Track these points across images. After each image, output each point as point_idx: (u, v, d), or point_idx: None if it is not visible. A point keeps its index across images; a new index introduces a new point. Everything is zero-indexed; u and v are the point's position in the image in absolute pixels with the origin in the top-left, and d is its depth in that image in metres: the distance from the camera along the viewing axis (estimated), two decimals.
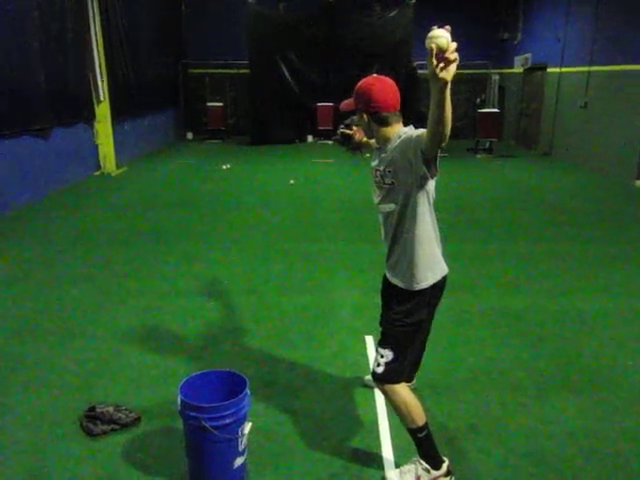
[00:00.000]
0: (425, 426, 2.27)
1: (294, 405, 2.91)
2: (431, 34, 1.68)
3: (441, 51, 1.66)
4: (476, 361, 3.38)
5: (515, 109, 14.08)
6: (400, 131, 2.20)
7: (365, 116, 2.24)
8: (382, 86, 2.19)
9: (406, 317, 2.26)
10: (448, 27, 1.68)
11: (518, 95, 13.95)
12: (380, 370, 2.27)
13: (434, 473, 2.30)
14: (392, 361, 2.26)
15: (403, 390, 2.28)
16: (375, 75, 2.25)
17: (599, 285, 4.66)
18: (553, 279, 4.78)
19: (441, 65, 1.67)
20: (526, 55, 13.10)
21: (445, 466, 2.32)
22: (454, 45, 1.66)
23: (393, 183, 2.18)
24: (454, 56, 1.66)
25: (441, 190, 2.67)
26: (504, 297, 4.39)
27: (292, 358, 3.40)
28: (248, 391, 2.30)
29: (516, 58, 13.68)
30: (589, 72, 10.22)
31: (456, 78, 1.76)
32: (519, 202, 7.85)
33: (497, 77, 14.63)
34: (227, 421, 2.17)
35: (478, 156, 12.20)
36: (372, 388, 3.02)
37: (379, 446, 2.59)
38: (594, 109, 10.11)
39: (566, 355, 3.46)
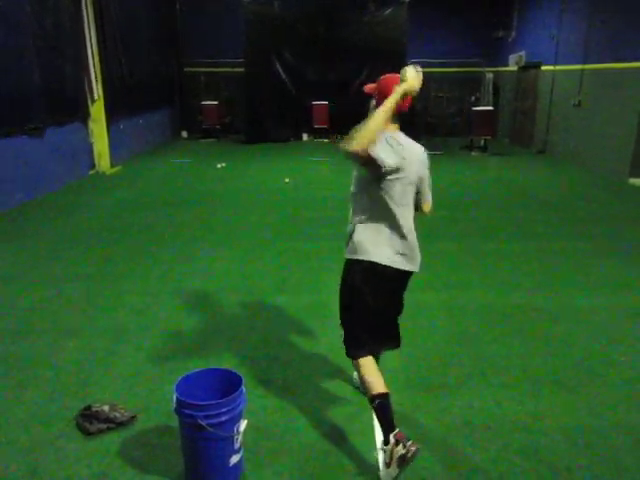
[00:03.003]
0: (377, 397, 2.36)
1: (289, 403, 2.92)
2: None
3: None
4: (470, 358, 3.40)
5: (509, 107, 14.12)
6: (387, 134, 2.33)
7: (372, 103, 2.47)
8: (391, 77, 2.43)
9: (342, 285, 2.56)
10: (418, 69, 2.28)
11: (512, 93, 13.99)
12: (343, 347, 2.59)
13: (387, 448, 2.30)
14: (345, 337, 2.59)
15: (364, 364, 2.47)
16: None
17: (592, 282, 4.69)
18: (547, 276, 4.81)
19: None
20: (520, 53, 13.13)
21: (392, 437, 2.29)
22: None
23: (356, 171, 2.50)
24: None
25: (435, 188, 2.69)
26: (498, 294, 4.41)
27: (288, 356, 3.41)
28: (244, 389, 2.31)
29: (510, 56, 13.71)
30: (583, 70, 10.26)
31: (450, 75, 1.81)
32: (513, 200, 7.88)
33: (491, 75, 14.67)
34: (223, 419, 2.18)
35: (473, 154, 12.23)
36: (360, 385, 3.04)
37: (373, 442, 2.61)
38: (588, 107, 10.16)
39: (559, 351, 3.49)
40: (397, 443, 2.26)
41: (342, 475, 2.40)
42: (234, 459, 2.29)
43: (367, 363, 2.47)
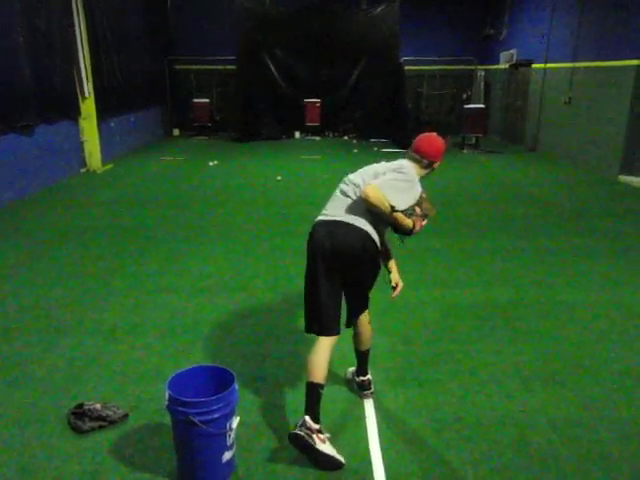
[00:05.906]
0: (308, 384, 2.51)
1: (282, 400, 2.93)
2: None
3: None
4: (461, 354, 3.42)
5: (501, 105, 14.18)
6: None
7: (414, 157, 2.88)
8: (429, 138, 2.84)
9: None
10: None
11: (503, 91, 14.05)
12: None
13: None
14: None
15: (316, 345, 2.61)
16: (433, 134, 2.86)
17: (582, 278, 4.73)
18: (537, 273, 4.84)
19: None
20: (511, 51, 13.18)
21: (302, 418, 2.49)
22: None
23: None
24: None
25: (427, 186, 2.72)
26: (489, 291, 4.44)
27: (280, 353, 3.42)
28: (236, 386, 2.32)
29: (501, 54, 13.77)
30: (573, 68, 10.33)
31: (442, 73, 1.81)
32: (504, 197, 7.92)
33: (483, 73, 14.72)
34: (215, 415, 2.19)
35: (464, 151, 12.28)
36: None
37: (366, 439, 2.63)
38: (578, 105, 10.23)
39: (549, 347, 3.52)
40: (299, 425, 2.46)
41: (335, 473, 2.41)
42: (227, 456, 2.30)
43: (318, 345, 2.62)
